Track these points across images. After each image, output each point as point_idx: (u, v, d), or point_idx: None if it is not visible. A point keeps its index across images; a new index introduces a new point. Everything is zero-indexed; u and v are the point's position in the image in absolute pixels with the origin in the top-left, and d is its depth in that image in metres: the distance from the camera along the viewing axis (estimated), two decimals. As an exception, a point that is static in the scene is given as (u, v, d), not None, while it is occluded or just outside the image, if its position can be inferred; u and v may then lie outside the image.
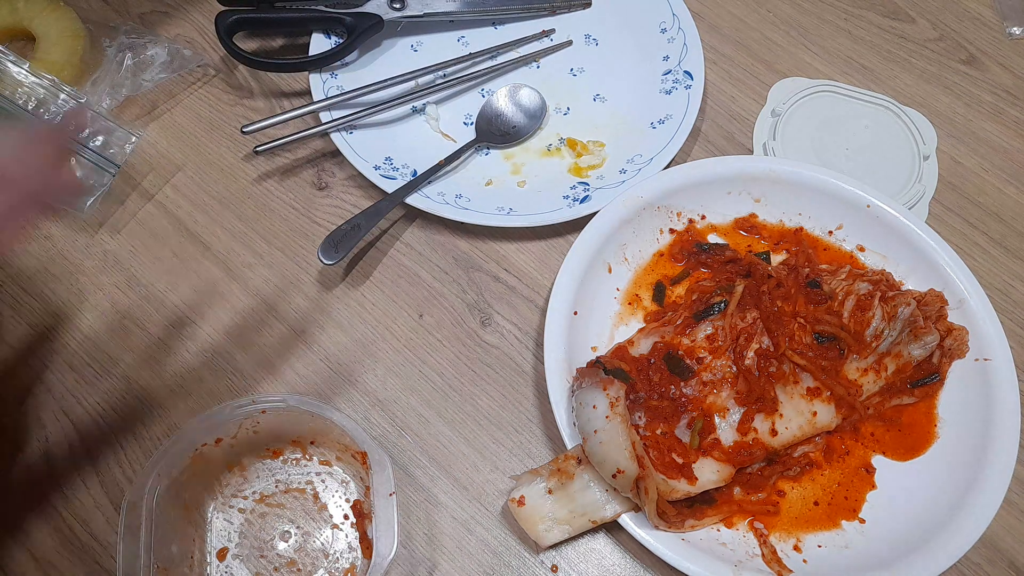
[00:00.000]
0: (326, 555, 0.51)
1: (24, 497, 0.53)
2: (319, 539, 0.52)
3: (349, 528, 0.52)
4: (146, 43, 0.68)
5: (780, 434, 0.52)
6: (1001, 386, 0.55)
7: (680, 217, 0.63)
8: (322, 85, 0.67)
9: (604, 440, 0.48)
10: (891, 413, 0.57)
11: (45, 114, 0.61)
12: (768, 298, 0.55)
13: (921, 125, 0.71)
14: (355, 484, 0.53)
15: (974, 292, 0.58)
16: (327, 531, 0.52)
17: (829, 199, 0.63)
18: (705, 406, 0.52)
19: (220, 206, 0.65)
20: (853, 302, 0.55)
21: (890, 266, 0.61)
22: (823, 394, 0.53)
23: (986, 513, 0.51)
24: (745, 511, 0.53)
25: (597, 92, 0.71)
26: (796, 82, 0.73)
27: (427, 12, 0.71)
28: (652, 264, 0.62)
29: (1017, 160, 0.71)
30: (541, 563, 0.53)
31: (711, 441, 0.51)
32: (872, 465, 0.55)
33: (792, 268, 0.58)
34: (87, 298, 0.60)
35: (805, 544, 0.52)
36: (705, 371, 0.53)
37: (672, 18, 0.72)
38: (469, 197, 0.63)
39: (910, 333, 0.55)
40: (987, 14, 0.79)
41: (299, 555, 0.51)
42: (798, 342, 0.53)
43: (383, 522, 0.46)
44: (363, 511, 0.52)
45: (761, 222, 0.64)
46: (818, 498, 0.54)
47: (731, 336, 0.54)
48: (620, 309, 0.60)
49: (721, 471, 0.51)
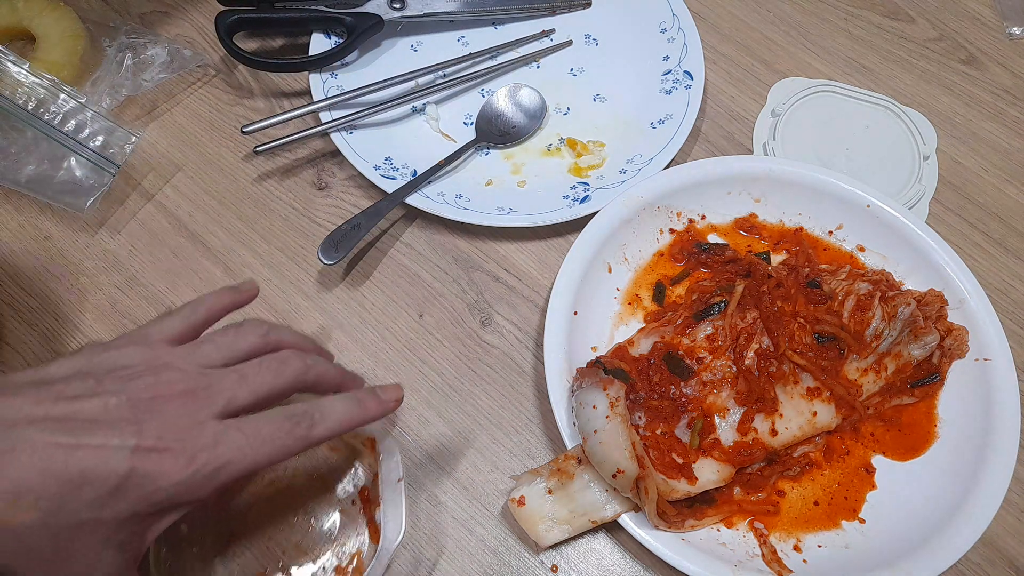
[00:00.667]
0: (332, 539, 0.52)
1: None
2: (326, 523, 0.52)
3: (357, 513, 0.53)
4: (146, 43, 0.68)
5: (780, 434, 0.52)
6: (1001, 386, 0.55)
7: (680, 217, 0.63)
8: (322, 85, 0.67)
9: (604, 440, 0.48)
10: (891, 413, 0.57)
11: (45, 114, 0.61)
12: (768, 298, 0.55)
13: (921, 125, 0.71)
14: (363, 471, 0.54)
15: (974, 292, 0.58)
16: (334, 516, 0.52)
17: (829, 199, 0.63)
18: (705, 406, 0.52)
19: (220, 206, 0.65)
20: (853, 302, 0.55)
21: (890, 266, 0.61)
22: (823, 394, 0.53)
23: (986, 513, 0.51)
24: (745, 511, 0.53)
25: (597, 92, 0.71)
26: (796, 82, 0.73)
27: (427, 12, 0.71)
28: (652, 264, 0.62)
29: (1017, 160, 0.71)
30: (541, 563, 0.53)
31: (711, 441, 0.51)
32: (872, 465, 0.55)
33: (792, 268, 0.58)
34: (87, 298, 0.60)
35: (805, 544, 0.52)
36: (705, 371, 0.53)
37: (672, 18, 0.72)
38: (469, 197, 0.63)
39: (910, 333, 0.55)
40: (987, 14, 0.79)
41: (306, 538, 0.52)
42: (798, 342, 0.53)
43: (391, 507, 0.48)
44: (370, 497, 0.53)
45: (761, 222, 0.64)
46: (818, 498, 0.54)
47: (731, 336, 0.54)
48: (620, 309, 0.60)
49: (721, 471, 0.51)
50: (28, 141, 0.61)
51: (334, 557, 0.51)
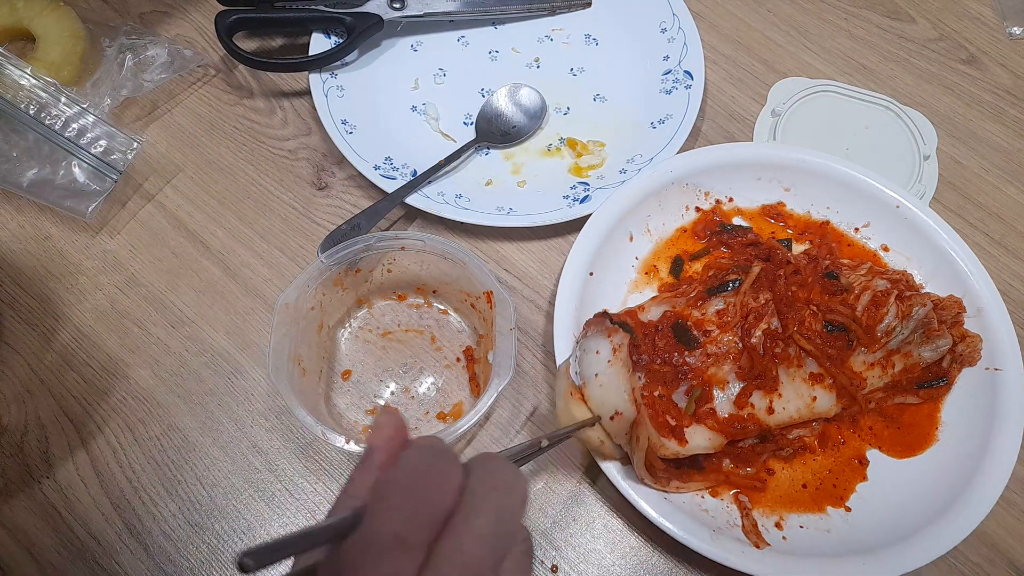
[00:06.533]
0: (438, 389, 0.57)
1: (24, 497, 0.53)
2: (432, 375, 0.58)
3: (460, 369, 0.58)
4: (146, 43, 0.68)
5: (776, 413, 0.52)
6: (1008, 398, 0.55)
7: (708, 197, 0.64)
8: (322, 85, 0.67)
9: (604, 383, 0.49)
10: (893, 411, 0.57)
11: (47, 119, 0.61)
12: (783, 282, 0.55)
13: (921, 125, 0.71)
14: (469, 332, 0.59)
15: (994, 302, 0.58)
16: (441, 369, 0.58)
17: (859, 196, 0.63)
18: (706, 376, 0.52)
19: (220, 206, 0.65)
20: (869, 297, 0.55)
21: (913, 268, 0.61)
22: (825, 381, 0.53)
23: (971, 519, 0.51)
24: (732, 483, 0.53)
25: (597, 92, 0.71)
26: (796, 82, 0.73)
27: (427, 12, 0.71)
28: (674, 238, 0.63)
29: (1017, 160, 0.71)
30: (541, 563, 0.53)
31: (707, 410, 0.52)
32: (866, 458, 0.56)
33: (812, 258, 0.58)
34: (87, 298, 0.60)
35: (787, 523, 0.53)
36: (711, 344, 0.53)
37: (672, 18, 0.72)
38: (469, 197, 0.63)
39: (923, 334, 0.55)
40: (987, 14, 0.79)
41: (413, 385, 0.57)
42: (807, 328, 0.54)
43: (502, 352, 0.50)
44: (474, 356, 0.58)
45: (788, 211, 0.64)
46: (807, 481, 0.54)
47: (741, 313, 0.54)
48: (636, 277, 0.61)
49: (712, 439, 0.51)
50: (30, 145, 0.61)
51: (437, 405, 0.57)
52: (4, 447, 0.54)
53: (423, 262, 0.57)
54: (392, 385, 0.57)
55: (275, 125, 0.69)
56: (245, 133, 0.68)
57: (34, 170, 0.61)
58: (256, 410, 0.57)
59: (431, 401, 0.57)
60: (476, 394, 0.57)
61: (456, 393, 0.57)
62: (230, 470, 0.55)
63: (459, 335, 0.59)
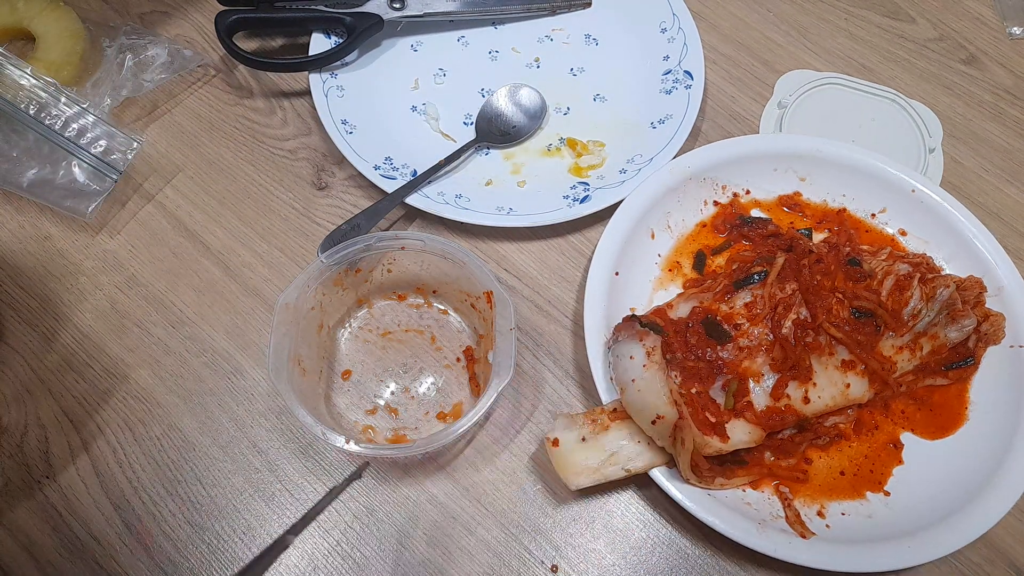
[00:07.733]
0: (438, 389, 0.57)
1: (24, 497, 0.53)
2: (432, 375, 0.58)
3: (460, 369, 0.58)
4: (146, 43, 0.68)
5: (812, 402, 0.53)
6: None
7: (725, 190, 0.64)
8: (322, 85, 0.67)
9: (642, 388, 0.49)
10: (923, 393, 0.57)
11: (47, 119, 0.61)
12: (808, 272, 0.55)
13: (927, 118, 0.71)
14: (469, 332, 0.59)
15: (1014, 281, 0.59)
16: (441, 369, 0.58)
17: (874, 182, 0.63)
18: (740, 370, 0.53)
19: (220, 206, 0.65)
20: (892, 282, 0.55)
21: (931, 251, 0.62)
22: (857, 367, 0.53)
23: (1010, 495, 0.52)
24: (774, 475, 0.54)
25: (597, 92, 0.71)
26: (802, 74, 0.73)
27: (427, 12, 0.71)
28: (695, 234, 0.63)
29: (1017, 160, 0.71)
30: (541, 563, 0.53)
31: (744, 403, 0.52)
32: (900, 441, 0.56)
33: (833, 246, 0.58)
34: (87, 298, 0.60)
35: (829, 511, 0.53)
36: (742, 337, 0.54)
37: (672, 18, 0.72)
38: (469, 197, 0.63)
39: (947, 315, 0.56)
40: (987, 14, 0.79)
41: (413, 385, 0.57)
42: (835, 315, 0.54)
43: (502, 352, 0.51)
44: (474, 356, 0.58)
45: (805, 200, 0.65)
46: (844, 468, 0.55)
47: (769, 305, 0.54)
48: (660, 275, 0.61)
49: (752, 433, 0.51)
50: (30, 145, 0.61)
51: (437, 405, 0.57)
52: (4, 447, 0.54)
53: (423, 262, 0.57)
54: (392, 385, 0.57)
55: (275, 125, 0.69)
56: (245, 133, 0.68)
57: (34, 170, 0.61)
58: (256, 410, 0.57)
59: (431, 401, 0.57)
60: (476, 394, 0.57)
61: (456, 393, 0.57)
62: (230, 470, 0.55)
63: (459, 335, 0.59)
